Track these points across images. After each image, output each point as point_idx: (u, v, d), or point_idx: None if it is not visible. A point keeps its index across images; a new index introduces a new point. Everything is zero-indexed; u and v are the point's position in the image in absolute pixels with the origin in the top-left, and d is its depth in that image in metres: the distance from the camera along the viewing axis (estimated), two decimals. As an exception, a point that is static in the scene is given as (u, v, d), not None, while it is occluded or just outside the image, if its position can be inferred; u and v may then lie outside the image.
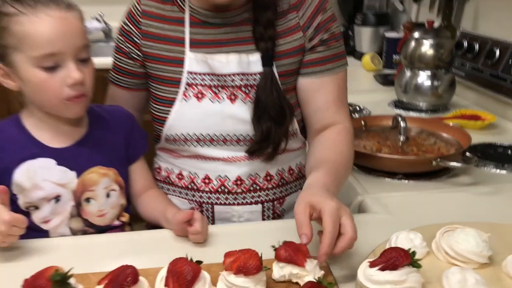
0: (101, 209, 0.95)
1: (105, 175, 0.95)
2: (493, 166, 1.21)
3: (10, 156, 0.90)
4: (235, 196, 1.02)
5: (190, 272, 0.69)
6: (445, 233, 0.78)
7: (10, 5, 0.85)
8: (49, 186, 0.91)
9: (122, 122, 1.00)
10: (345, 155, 0.98)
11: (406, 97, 1.69)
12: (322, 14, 0.99)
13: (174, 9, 0.99)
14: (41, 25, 0.84)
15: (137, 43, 1.01)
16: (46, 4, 0.86)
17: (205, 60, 0.97)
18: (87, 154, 0.94)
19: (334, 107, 1.01)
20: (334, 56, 1.01)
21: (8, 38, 0.85)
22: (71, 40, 0.86)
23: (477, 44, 1.69)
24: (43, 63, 0.84)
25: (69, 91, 0.86)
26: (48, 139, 0.92)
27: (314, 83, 1.00)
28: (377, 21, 2.36)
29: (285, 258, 0.74)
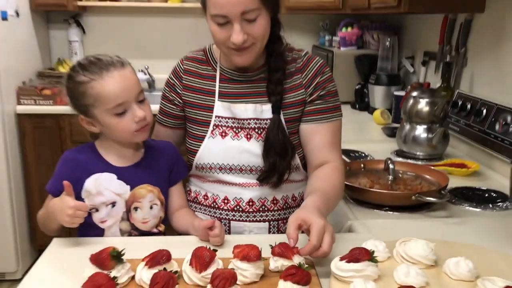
0: (145, 217, 1.23)
1: (151, 192, 1.24)
2: (468, 205, 1.44)
3: (84, 170, 1.20)
4: (247, 214, 1.28)
5: (208, 256, 0.95)
6: (402, 242, 1.03)
7: (82, 75, 1.16)
8: (109, 194, 1.20)
9: (169, 153, 1.29)
10: (335, 187, 1.23)
11: (405, 147, 1.94)
12: (320, 76, 1.27)
13: (208, 69, 1.31)
14: (108, 86, 1.15)
15: (179, 93, 1.32)
16: (107, 68, 1.16)
17: (229, 107, 1.27)
18: (140, 174, 1.23)
19: (328, 147, 1.27)
20: (329, 109, 1.28)
21: (86, 99, 1.16)
22: (131, 90, 1.18)
23: (470, 104, 1.95)
24: (115, 111, 1.15)
25: (136, 126, 1.17)
26: (113, 160, 1.23)
27: (312, 129, 1.27)
28: (389, 81, 2.66)
29: (278, 253, 1.00)
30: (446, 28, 2.24)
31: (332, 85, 1.30)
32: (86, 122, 1.20)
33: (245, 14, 1.12)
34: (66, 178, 1.14)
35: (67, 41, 3.38)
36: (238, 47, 1.16)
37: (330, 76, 1.30)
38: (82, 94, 1.16)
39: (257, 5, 1.12)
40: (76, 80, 1.16)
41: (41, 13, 3.27)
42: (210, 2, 1.13)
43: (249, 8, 1.12)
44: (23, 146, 2.90)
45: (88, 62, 1.17)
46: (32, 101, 2.87)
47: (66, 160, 1.23)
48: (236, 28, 1.13)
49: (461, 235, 1.21)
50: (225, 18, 1.13)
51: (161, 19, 3.46)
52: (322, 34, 3.31)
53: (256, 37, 1.16)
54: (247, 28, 1.14)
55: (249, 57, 1.20)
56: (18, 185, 2.87)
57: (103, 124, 1.18)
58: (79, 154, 1.24)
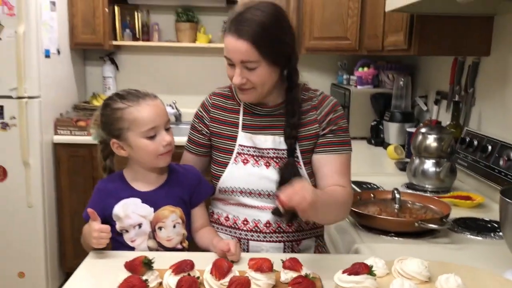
0: (169, 236, 1.37)
1: (173, 212, 1.38)
2: (469, 233, 1.55)
3: (114, 196, 1.36)
4: (265, 235, 1.41)
5: (226, 266, 1.09)
6: (399, 260, 1.14)
7: (120, 102, 1.34)
8: (135, 217, 1.35)
9: (191, 177, 1.44)
10: (337, 198, 1.31)
11: (415, 180, 2.06)
12: (333, 113, 1.42)
13: (233, 103, 1.47)
14: (144, 111, 1.33)
15: (206, 124, 1.49)
16: (143, 97, 1.35)
17: (251, 138, 1.42)
18: (163, 196, 1.38)
19: (337, 176, 1.39)
20: (339, 142, 1.41)
21: (122, 124, 1.33)
22: (162, 117, 1.35)
23: (477, 141, 2.07)
24: (147, 134, 1.32)
25: (162, 149, 1.33)
26: (138, 186, 1.38)
27: (323, 159, 1.40)
28: (403, 118, 2.79)
29: (288, 266, 1.13)
30: (456, 70, 2.38)
31: (343, 122, 1.44)
32: (117, 146, 1.36)
33: (245, 63, 1.30)
34: (97, 206, 1.33)
35: (102, 77, 3.64)
36: (238, 87, 1.34)
37: (342, 114, 1.45)
38: (118, 119, 1.33)
39: (256, 58, 1.28)
40: (113, 107, 1.34)
41: (79, 51, 3.55)
42: (224, 44, 1.33)
43: (248, 59, 1.29)
44: (58, 174, 3.11)
45: (125, 93, 1.36)
46: (68, 132, 3.09)
47: (99, 189, 1.40)
48: (236, 72, 1.32)
49: (459, 259, 1.31)
50: (230, 61, 1.32)
51: (189, 58, 3.69)
52: (340, 73, 3.49)
53: (253, 83, 1.32)
54: (246, 73, 1.31)
55: (250, 97, 1.37)
56: (51, 210, 3.06)
57: (133, 147, 1.34)
58: (109, 183, 1.40)
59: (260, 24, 1.27)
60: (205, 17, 3.59)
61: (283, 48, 1.33)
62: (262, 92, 1.37)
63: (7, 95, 2.81)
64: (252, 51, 1.28)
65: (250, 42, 1.27)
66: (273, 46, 1.30)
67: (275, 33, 1.30)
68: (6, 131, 2.85)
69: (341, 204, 1.33)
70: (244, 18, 1.28)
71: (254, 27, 1.27)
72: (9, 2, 2.75)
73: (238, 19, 1.29)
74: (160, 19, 3.61)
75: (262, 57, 1.29)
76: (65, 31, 3.26)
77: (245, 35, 1.27)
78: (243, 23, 1.28)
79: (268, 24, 1.28)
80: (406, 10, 2.00)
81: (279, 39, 1.31)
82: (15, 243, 2.93)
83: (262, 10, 1.29)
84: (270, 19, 1.29)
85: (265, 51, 1.28)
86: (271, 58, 1.30)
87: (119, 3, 3.48)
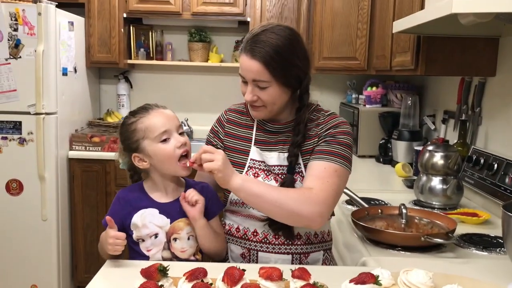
0: (183, 247, 1.42)
1: (188, 224, 1.43)
2: (475, 248, 1.58)
3: (133, 206, 1.42)
4: (273, 246, 1.46)
5: (238, 274, 1.13)
6: (405, 271, 1.18)
7: (132, 117, 1.43)
8: (152, 227, 1.41)
9: (205, 193, 1.48)
10: (285, 193, 1.33)
11: (422, 197, 2.10)
12: (334, 128, 1.45)
13: (248, 119, 1.54)
14: (154, 118, 1.40)
15: (221, 138, 1.55)
16: (152, 108, 1.43)
17: (261, 153, 1.48)
18: (179, 209, 1.43)
19: (312, 178, 1.36)
20: (330, 152, 1.39)
21: (137, 135, 1.41)
22: (172, 121, 1.42)
23: (483, 159, 2.10)
24: (160, 138, 1.39)
25: (179, 151, 1.39)
26: (157, 197, 1.44)
27: (310, 164, 1.42)
28: (411, 137, 2.84)
29: (297, 276, 1.17)
30: (463, 89, 2.43)
31: (343, 137, 1.44)
32: (138, 159, 1.43)
33: (256, 82, 1.37)
34: (117, 214, 1.39)
35: (116, 94, 3.74)
36: (250, 103, 1.41)
37: (345, 131, 1.46)
38: (133, 132, 1.41)
39: (267, 78, 1.35)
40: (127, 123, 1.43)
41: (95, 69, 3.65)
42: (239, 62, 1.41)
43: (259, 79, 1.36)
44: (72, 188, 3.18)
45: (136, 109, 1.46)
46: (83, 147, 3.18)
47: (119, 198, 1.45)
48: (248, 89, 1.39)
49: (464, 272, 1.35)
50: (244, 78, 1.40)
51: (201, 77, 3.78)
52: (349, 93, 3.55)
53: (264, 101, 1.39)
54: (257, 92, 1.38)
55: (260, 114, 1.44)
56: (65, 223, 3.12)
57: (152, 155, 1.40)
58: (130, 193, 1.46)
59: (273, 47, 1.34)
60: (217, 37, 3.69)
61: (294, 71, 1.39)
62: (272, 110, 1.43)
63: (25, 111, 2.91)
64: (263, 72, 1.34)
65: (262, 63, 1.34)
66: (284, 68, 1.36)
67: (288, 56, 1.36)
68: (23, 146, 2.94)
69: (286, 196, 1.33)
70: (259, 40, 1.35)
71: (267, 49, 1.33)
72: (30, 22, 2.86)
73: (254, 39, 1.36)
74: (173, 39, 3.71)
75: (273, 77, 1.35)
76: (82, 50, 3.37)
77: (258, 56, 1.34)
78: (257, 44, 1.35)
79: (282, 48, 1.35)
80: (413, 31, 2.06)
81: (291, 62, 1.37)
82: (29, 255, 2.99)
83: (277, 34, 1.36)
84: (284, 43, 1.35)
85: (276, 73, 1.35)
86: (282, 79, 1.37)
87: (135, 23, 3.59)
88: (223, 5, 3.36)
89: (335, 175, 1.38)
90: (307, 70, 1.43)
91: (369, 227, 1.60)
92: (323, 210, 1.35)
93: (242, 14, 3.37)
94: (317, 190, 1.34)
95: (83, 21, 3.36)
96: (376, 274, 1.12)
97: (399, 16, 2.34)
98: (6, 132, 2.93)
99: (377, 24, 2.99)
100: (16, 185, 2.96)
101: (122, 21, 3.40)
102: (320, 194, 1.34)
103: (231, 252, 1.51)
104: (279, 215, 1.36)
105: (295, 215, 1.34)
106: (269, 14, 3.35)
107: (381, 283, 1.10)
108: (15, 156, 2.94)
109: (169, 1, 3.35)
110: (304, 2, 3.33)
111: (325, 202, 1.35)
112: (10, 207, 2.96)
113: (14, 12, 2.85)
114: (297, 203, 1.33)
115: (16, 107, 2.91)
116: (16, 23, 2.86)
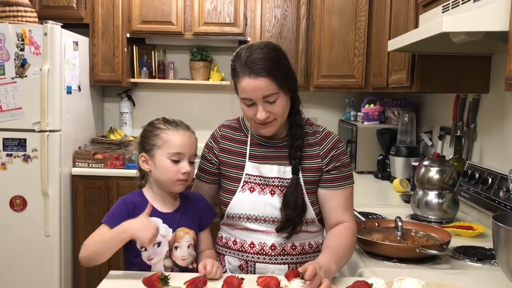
0: (183, 255, 1.47)
1: (188, 233, 1.48)
2: (469, 260, 1.61)
3: (139, 214, 1.46)
4: (270, 257, 1.50)
5: (236, 282, 1.18)
6: (398, 280, 1.22)
7: (163, 124, 1.49)
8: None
9: (200, 203, 1.55)
10: (347, 243, 1.46)
11: (419, 211, 2.13)
12: (335, 150, 1.53)
13: (241, 135, 1.59)
14: (178, 137, 1.47)
15: (216, 154, 1.60)
16: (182, 127, 1.50)
17: (257, 167, 1.53)
18: (179, 219, 1.48)
19: (341, 210, 1.51)
20: (343, 178, 1.53)
21: (157, 141, 1.47)
22: (190, 150, 1.48)
23: (478, 174, 2.15)
24: (172, 157, 1.45)
25: (180, 176, 1.45)
26: (159, 207, 1.49)
27: (328, 193, 1.52)
28: (408, 153, 2.88)
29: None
30: (458, 106, 2.48)
31: (345, 158, 1.55)
32: (144, 159, 1.49)
33: (266, 98, 1.41)
34: (123, 217, 1.41)
35: (119, 112, 3.80)
36: (262, 122, 1.45)
37: (344, 150, 1.56)
38: (155, 136, 1.47)
39: (275, 90, 1.40)
40: (156, 126, 1.50)
41: (98, 88, 3.73)
42: (240, 88, 1.44)
43: (269, 93, 1.40)
44: (75, 204, 3.23)
45: (170, 119, 1.52)
46: (86, 164, 3.23)
47: (125, 202, 1.48)
48: (260, 109, 1.42)
49: (457, 282, 1.38)
50: (251, 101, 1.43)
51: (202, 95, 3.86)
52: (348, 110, 3.61)
53: (276, 114, 1.44)
54: (268, 107, 1.42)
55: (272, 129, 1.48)
56: (67, 239, 3.16)
57: (157, 165, 1.46)
58: (134, 199, 1.50)
59: (270, 59, 1.40)
60: (218, 56, 3.78)
61: (292, 76, 1.47)
62: (281, 121, 1.49)
63: (30, 128, 2.97)
64: (271, 85, 1.40)
65: (268, 77, 1.39)
66: (286, 75, 1.43)
67: (283, 63, 1.44)
68: (27, 163, 2.99)
69: (350, 249, 1.47)
70: (253, 59, 1.40)
71: (267, 63, 1.39)
72: (36, 42, 2.94)
73: (248, 61, 1.40)
74: (175, 58, 3.80)
75: (279, 87, 1.41)
76: (86, 69, 3.45)
77: (261, 72, 1.39)
78: (255, 63, 1.39)
79: (276, 57, 1.42)
80: (407, 50, 2.13)
81: (288, 68, 1.45)
82: (32, 271, 3.01)
83: (264, 48, 1.43)
84: (275, 53, 1.43)
85: (282, 82, 1.41)
86: (286, 87, 1.43)
87: (138, 43, 3.68)
88: (224, 25, 3.45)
89: (351, 197, 1.55)
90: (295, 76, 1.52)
91: (365, 240, 1.64)
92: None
93: (243, 34, 3.45)
94: (352, 223, 1.53)
95: (87, 41, 3.44)
96: (371, 282, 1.16)
97: (394, 35, 2.42)
98: (11, 149, 2.99)
99: (373, 43, 3.07)
100: (20, 201, 3.00)
101: (126, 41, 3.48)
102: (355, 225, 1.54)
103: (229, 264, 1.55)
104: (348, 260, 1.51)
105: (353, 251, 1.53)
106: (269, 34, 3.43)
107: (375, 291, 1.14)
108: (19, 172, 2.99)
109: (171, 22, 3.44)
110: (303, 22, 3.41)
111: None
112: (14, 223, 3.00)
113: (21, 32, 2.94)
114: (354, 242, 1.52)
115: (21, 125, 2.98)
116: (22, 43, 2.94)
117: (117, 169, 3.22)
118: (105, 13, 3.43)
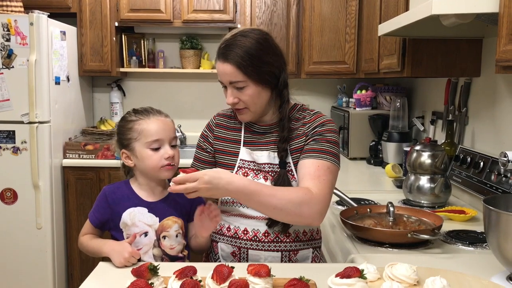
0: (172, 244, 1.46)
1: (176, 222, 1.47)
2: (461, 244, 1.61)
3: (121, 205, 1.45)
4: (263, 244, 1.49)
5: (226, 271, 1.16)
6: (389, 265, 1.21)
7: (134, 116, 1.48)
8: (141, 225, 1.44)
9: None
10: (280, 192, 1.37)
11: (411, 196, 2.13)
12: (320, 126, 1.50)
13: (235, 123, 1.58)
14: (152, 124, 1.46)
15: (211, 142, 1.59)
16: (153, 113, 1.49)
17: (250, 153, 1.52)
18: (167, 208, 1.47)
19: (309, 177, 1.42)
20: (320, 150, 1.45)
21: (132, 134, 1.46)
22: (167, 133, 1.47)
23: (470, 158, 2.14)
24: (151, 146, 1.44)
25: (164, 161, 1.44)
26: (145, 196, 1.48)
27: (301, 163, 1.47)
28: (400, 138, 2.88)
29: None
30: (449, 90, 2.47)
31: (330, 135, 1.49)
32: (125, 156, 1.48)
33: (233, 83, 1.43)
34: (104, 210, 1.44)
35: (109, 102, 3.77)
36: (233, 107, 1.47)
37: (331, 129, 1.51)
38: (129, 129, 1.46)
39: (241, 78, 1.42)
40: (127, 119, 1.49)
41: (88, 78, 3.68)
42: (216, 69, 1.48)
43: (235, 80, 1.42)
44: (66, 196, 3.20)
45: (141, 109, 1.51)
46: (77, 155, 3.20)
47: (106, 195, 1.48)
48: (228, 93, 1.46)
49: (450, 266, 1.38)
50: (222, 84, 1.47)
51: (193, 83, 3.82)
52: (340, 96, 3.59)
53: (245, 102, 1.45)
54: (236, 93, 1.45)
55: (245, 116, 1.49)
56: (60, 231, 3.14)
57: (139, 157, 1.45)
58: (117, 190, 1.49)
59: (242, 48, 1.42)
60: (209, 44, 3.74)
61: (267, 68, 1.44)
62: (255, 111, 1.48)
63: (19, 120, 2.94)
64: (236, 72, 1.42)
65: (233, 64, 1.42)
66: (256, 66, 1.42)
67: (257, 54, 1.42)
68: (17, 155, 2.96)
69: (283, 199, 1.36)
70: (229, 44, 1.44)
71: (236, 51, 1.41)
72: (22, 33, 2.89)
73: (225, 45, 1.44)
74: (165, 46, 3.75)
75: (247, 77, 1.42)
76: (75, 59, 3.40)
77: (230, 58, 1.42)
78: (228, 49, 1.43)
79: (250, 48, 1.42)
80: (398, 34, 2.11)
81: (261, 60, 1.43)
82: (24, 264, 3.00)
83: (245, 36, 1.44)
84: (252, 42, 1.42)
85: (249, 72, 1.42)
86: (255, 77, 1.43)
87: (126, 32, 3.63)
88: (213, 12, 3.40)
89: (328, 172, 1.44)
90: (282, 66, 1.49)
91: (357, 225, 1.63)
92: (323, 208, 1.41)
93: (233, 21, 3.41)
94: (315, 190, 1.39)
95: (75, 31, 3.39)
96: (362, 268, 1.15)
97: (385, 19, 2.39)
98: (0, 142, 2.95)
99: (364, 28, 3.04)
100: (11, 194, 2.97)
101: (114, 30, 3.43)
102: (319, 193, 1.39)
103: (222, 251, 1.54)
104: (281, 218, 1.42)
105: (297, 217, 1.39)
106: (259, 21, 3.39)
107: (366, 277, 1.13)
108: (9, 165, 2.96)
109: (160, 10, 3.39)
110: (293, 8, 3.38)
111: (323, 201, 1.41)
112: (5, 216, 2.98)
113: (6, 22, 2.88)
114: (298, 206, 1.37)
115: (10, 117, 2.94)
116: (8, 34, 2.89)
117: (108, 159, 3.19)
118: (92, 2, 3.38)
